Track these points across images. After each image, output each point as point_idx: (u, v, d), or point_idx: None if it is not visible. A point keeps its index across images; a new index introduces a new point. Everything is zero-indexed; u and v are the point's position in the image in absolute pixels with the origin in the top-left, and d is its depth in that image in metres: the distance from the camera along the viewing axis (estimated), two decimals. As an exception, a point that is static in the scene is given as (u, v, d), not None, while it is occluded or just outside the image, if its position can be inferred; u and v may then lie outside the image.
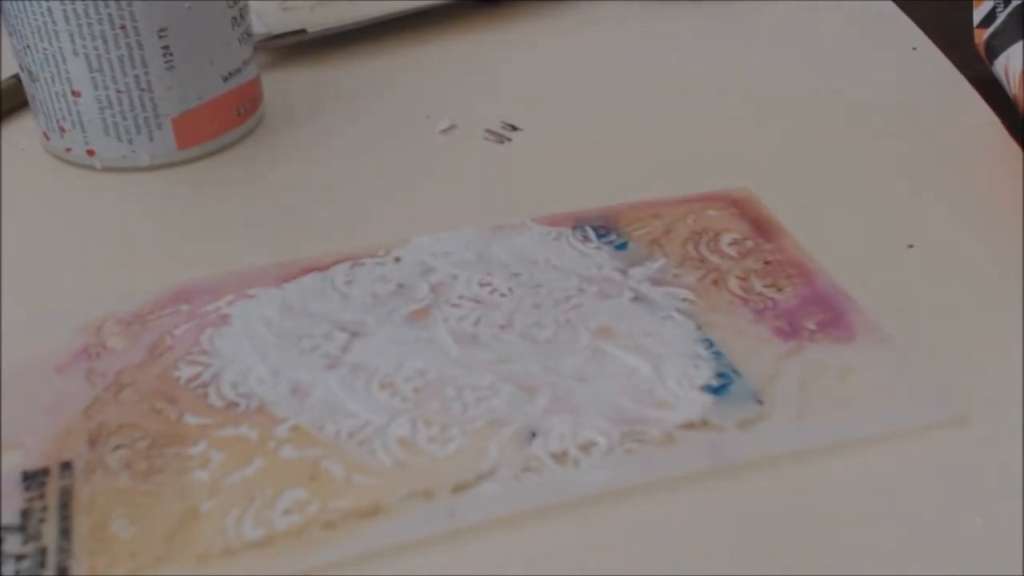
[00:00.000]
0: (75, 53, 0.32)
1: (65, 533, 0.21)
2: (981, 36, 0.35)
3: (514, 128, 0.36)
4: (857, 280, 0.27)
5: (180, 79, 0.33)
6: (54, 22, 0.31)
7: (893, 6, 0.43)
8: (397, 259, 0.29)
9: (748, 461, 0.23)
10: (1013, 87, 0.32)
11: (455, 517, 0.21)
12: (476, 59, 0.40)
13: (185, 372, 0.25)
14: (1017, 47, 0.32)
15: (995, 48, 0.34)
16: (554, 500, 0.22)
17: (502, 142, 0.35)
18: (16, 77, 0.37)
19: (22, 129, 0.37)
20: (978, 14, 0.35)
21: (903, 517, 0.21)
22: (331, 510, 0.22)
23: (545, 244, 0.29)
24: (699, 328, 0.26)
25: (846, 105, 0.36)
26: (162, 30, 0.32)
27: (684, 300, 0.27)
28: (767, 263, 0.28)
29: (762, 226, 0.30)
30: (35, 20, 0.31)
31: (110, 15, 0.31)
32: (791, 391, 0.24)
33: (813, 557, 0.21)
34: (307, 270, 0.28)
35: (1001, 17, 0.33)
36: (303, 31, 0.40)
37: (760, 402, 0.24)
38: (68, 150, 0.34)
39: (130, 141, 0.33)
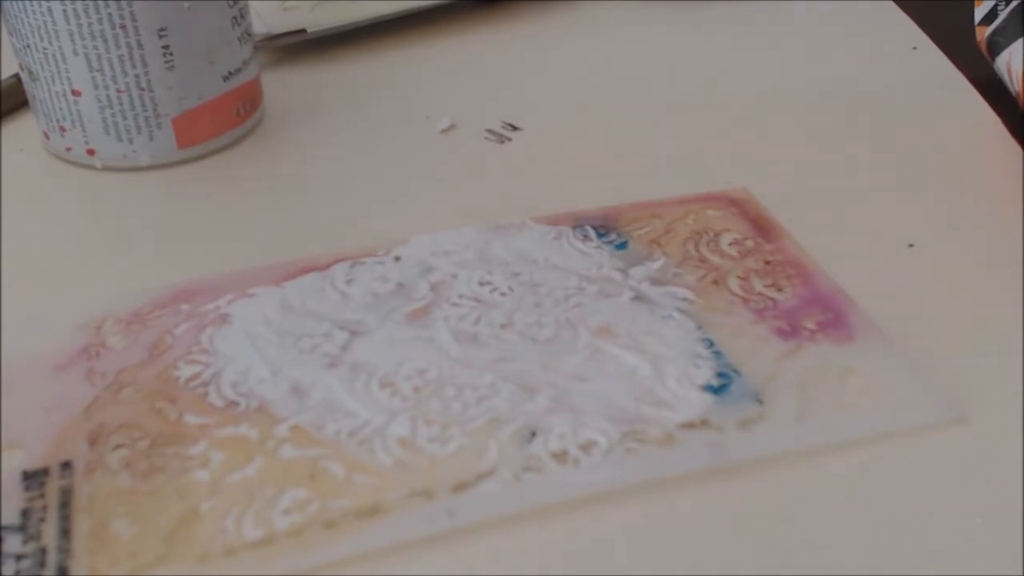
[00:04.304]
0: (75, 53, 0.32)
1: (65, 533, 0.21)
2: (982, 34, 0.35)
3: (514, 128, 0.36)
4: (857, 280, 0.27)
5: (180, 79, 0.33)
6: (54, 22, 0.31)
7: (893, 6, 0.43)
8: (397, 258, 0.29)
9: (748, 461, 0.23)
10: (1016, 85, 0.32)
11: (455, 517, 0.21)
12: (476, 59, 0.40)
13: (185, 371, 0.25)
14: (1019, 44, 0.32)
15: (997, 45, 0.34)
16: (554, 500, 0.22)
17: (502, 142, 0.35)
18: (16, 77, 0.37)
19: (22, 129, 0.37)
20: (979, 12, 0.35)
21: (903, 517, 0.21)
22: (331, 510, 0.22)
23: (545, 243, 0.29)
24: (699, 328, 0.26)
25: (846, 105, 0.36)
26: (162, 30, 0.32)
27: (684, 300, 0.27)
28: (767, 263, 0.28)
29: (762, 226, 0.30)
30: (35, 20, 0.31)
31: (110, 15, 0.31)
32: (791, 391, 0.24)
33: (813, 557, 0.21)
34: (307, 269, 0.28)
35: (1003, 15, 0.33)
36: (303, 31, 0.40)
37: (760, 402, 0.24)
38: (68, 150, 0.34)
39: (130, 141, 0.33)
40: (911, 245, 0.29)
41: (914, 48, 0.40)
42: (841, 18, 0.43)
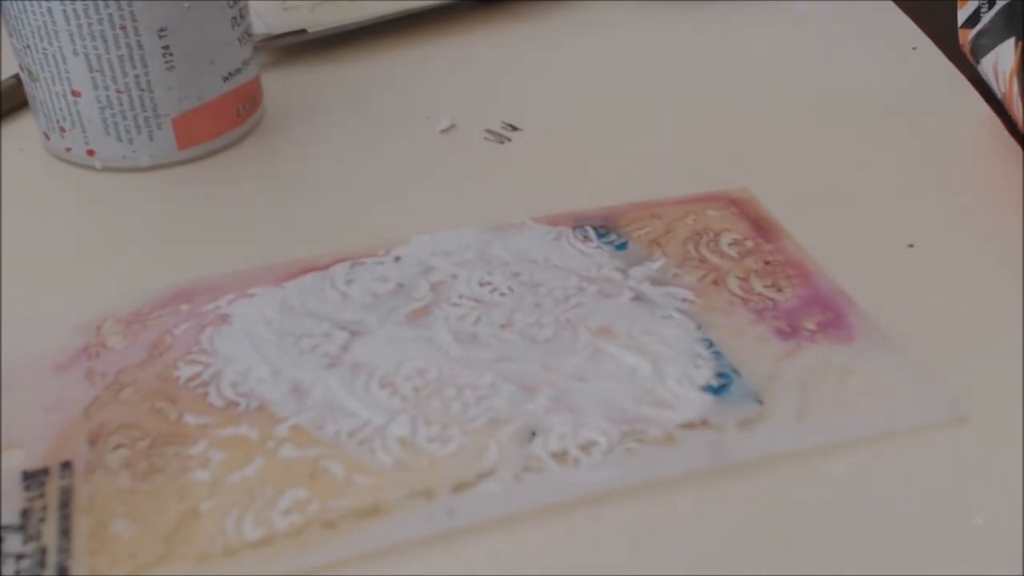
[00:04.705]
0: (75, 53, 0.32)
1: (65, 533, 0.21)
2: (966, 36, 0.35)
3: (514, 128, 0.36)
4: (857, 280, 0.27)
5: (180, 79, 0.33)
6: (54, 22, 0.31)
7: (893, 6, 0.43)
8: (397, 258, 0.29)
9: (748, 461, 0.23)
10: (1003, 85, 0.32)
11: (455, 517, 0.21)
12: (476, 59, 0.40)
13: (185, 371, 0.25)
14: (1008, 44, 0.32)
15: (982, 47, 0.33)
16: (554, 500, 0.22)
17: (502, 142, 0.35)
18: (16, 77, 0.37)
19: (22, 129, 0.37)
20: (962, 14, 0.35)
21: (903, 517, 0.21)
22: (331, 510, 0.22)
23: (545, 244, 0.29)
24: (699, 328, 0.26)
25: (846, 105, 0.36)
26: (162, 30, 0.32)
27: (684, 300, 0.27)
28: (767, 263, 0.28)
29: (762, 226, 0.30)
30: (35, 20, 0.31)
31: (110, 15, 0.31)
32: (791, 391, 0.24)
33: (813, 557, 0.21)
34: (307, 269, 0.28)
35: (987, 17, 0.33)
36: (303, 31, 0.40)
37: (760, 402, 0.24)
38: (68, 150, 0.34)
39: (130, 141, 0.33)
40: (911, 245, 0.29)
41: (914, 48, 0.40)
42: (841, 18, 0.43)
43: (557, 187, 0.32)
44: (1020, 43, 0.31)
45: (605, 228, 0.30)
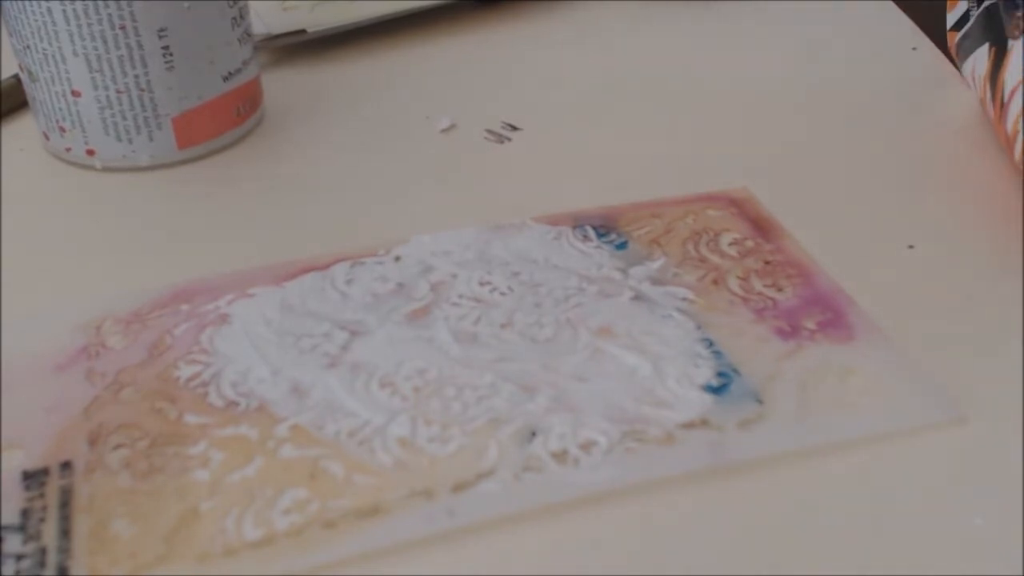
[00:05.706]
0: (75, 53, 0.32)
1: (65, 533, 0.21)
2: (953, 39, 0.35)
3: (514, 128, 0.36)
4: (857, 280, 0.27)
5: (180, 79, 0.33)
6: (54, 22, 0.31)
7: (893, 6, 0.43)
8: (397, 258, 0.29)
9: (748, 461, 0.23)
10: (979, 90, 0.32)
11: (455, 517, 0.21)
12: (476, 59, 0.40)
13: (185, 371, 0.25)
14: (983, 50, 0.32)
15: (965, 50, 0.33)
16: (554, 500, 0.22)
17: (502, 142, 0.35)
18: (16, 77, 0.37)
19: (22, 129, 0.37)
20: (951, 17, 0.35)
21: (903, 517, 0.21)
22: (331, 510, 0.22)
23: (545, 243, 0.29)
24: (699, 327, 0.26)
25: (846, 105, 0.36)
26: (162, 30, 0.32)
27: (684, 299, 0.27)
28: (767, 263, 0.28)
29: (762, 226, 0.30)
30: (35, 20, 0.31)
31: (110, 15, 0.31)
32: (791, 391, 0.24)
33: (813, 557, 0.21)
34: (307, 269, 0.28)
35: (972, 19, 0.33)
36: (303, 31, 0.40)
37: (760, 402, 0.24)
38: (68, 150, 0.34)
39: (130, 141, 0.33)
40: (911, 246, 0.29)
41: (914, 48, 0.40)
42: (841, 18, 0.43)
43: (557, 187, 0.32)
44: (993, 48, 0.31)
45: (605, 228, 0.30)
